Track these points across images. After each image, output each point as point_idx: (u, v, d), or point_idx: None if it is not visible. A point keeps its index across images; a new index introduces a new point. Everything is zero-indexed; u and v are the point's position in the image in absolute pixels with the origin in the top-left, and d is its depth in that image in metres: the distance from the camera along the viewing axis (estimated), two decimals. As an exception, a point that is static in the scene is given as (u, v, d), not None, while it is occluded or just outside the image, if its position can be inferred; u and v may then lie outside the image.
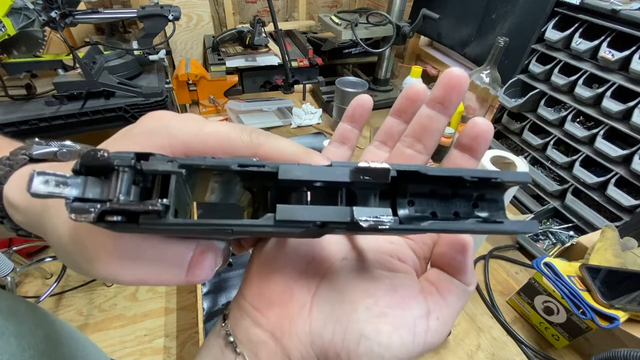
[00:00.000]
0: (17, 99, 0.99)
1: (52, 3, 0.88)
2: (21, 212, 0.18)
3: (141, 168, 0.12)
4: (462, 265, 0.18)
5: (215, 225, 0.13)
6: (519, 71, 0.77)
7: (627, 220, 0.60)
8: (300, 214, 0.13)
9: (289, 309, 0.17)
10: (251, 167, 0.13)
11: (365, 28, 1.06)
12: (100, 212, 0.11)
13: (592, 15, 0.63)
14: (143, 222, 0.12)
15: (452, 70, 0.18)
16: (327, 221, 0.13)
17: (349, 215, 0.13)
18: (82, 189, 0.12)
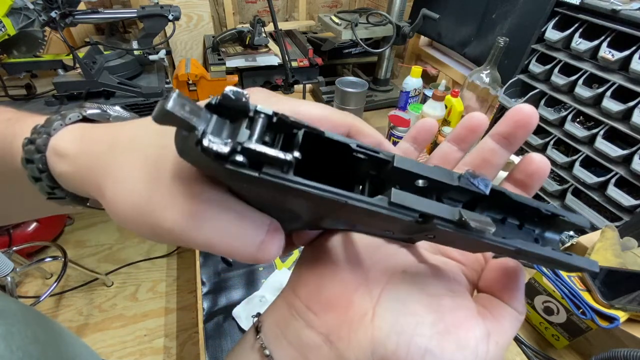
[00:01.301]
0: (17, 99, 0.99)
1: (52, 3, 0.88)
2: (70, 160, 0.16)
3: (278, 117, 0.12)
4: (514, 291, 0.18)
5: (334, 194, 0.13)
6: (519, 71, 0.77)
7: (627, 220, 0.60)
8: (414, 202, 0.13)
9: (349, 315, 0.16)
10: (368, 151, 0.14)
11: (365, 28, 1.06)
12: (232, 148, 0.11)
13: (592, 15, 0.63)
14: (266, 171, 0.11)
15: (523, 108, 0.18)
16: (438, 215, 0.13)
17: (457, 214, 0.13)
18: (210, 124, 0.11)
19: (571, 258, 0.15)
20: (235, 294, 0.60)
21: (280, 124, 0.12)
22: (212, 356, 0.52)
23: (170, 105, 0.10)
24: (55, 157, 0.17)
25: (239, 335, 0.54)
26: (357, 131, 0.17)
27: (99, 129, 0.17)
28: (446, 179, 0.14)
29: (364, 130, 0.17)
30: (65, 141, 0.17)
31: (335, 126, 0.16)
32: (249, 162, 0.11)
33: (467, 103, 0.96)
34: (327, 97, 1.13)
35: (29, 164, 0.18)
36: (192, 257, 0.70)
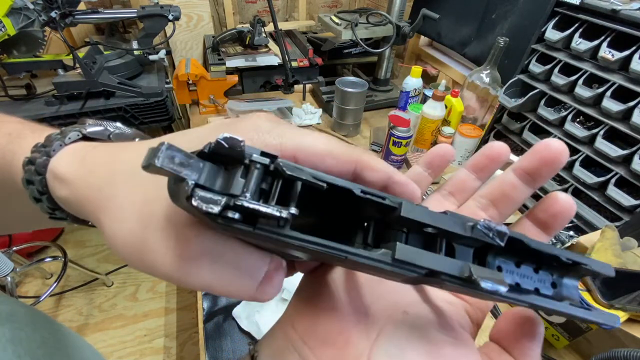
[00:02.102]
0: (17, 99, 0.99)
1: (52, 3, 0.88)
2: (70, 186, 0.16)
3: (279, 170, 0.11)
4: (529, 349, 0.16)
5: (332, 249, 0.12)
6: (519, 71, 0.77)
7: (627, 220, 0.60)
8: (420, 259, 0.12)
9: (345, 354, 0.16)
10: (373, 197, 0.13)
11: (365, 28, 1.06)
12: (224, 206, 0.10)
13: (592, 15, 0.63)
14: (260, 226, 0.11)
15: (551, 143, 0.16)
16: (445, 272, 0.12)
17: (467, 271, 0.12)
18: (202, 174, 0.11)
19: (591, 313, 0.14)
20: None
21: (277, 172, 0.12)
22: (212, 356, 0.52)
23: (159, 161, 0.10)
24: (55, 181, 0.17)
25: (239, 335, 0.54)
26: (364, 167, 0.16)
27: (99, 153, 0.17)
28: (458, 229, 0.13)
29: (372, 165, 0.16)
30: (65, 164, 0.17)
31: (340, 162, 0.15)
32: (242, 217, 0.11)
33: (467, 103, 0.96)
34: (327, 97, 1.13)
35: (29, 185, 0.18)
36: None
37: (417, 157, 0.91)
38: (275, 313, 0.55)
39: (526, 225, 0.18)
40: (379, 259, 0.12)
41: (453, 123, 0.91)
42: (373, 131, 1.04)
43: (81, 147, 0.18)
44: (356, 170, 0.15)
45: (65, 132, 0.19)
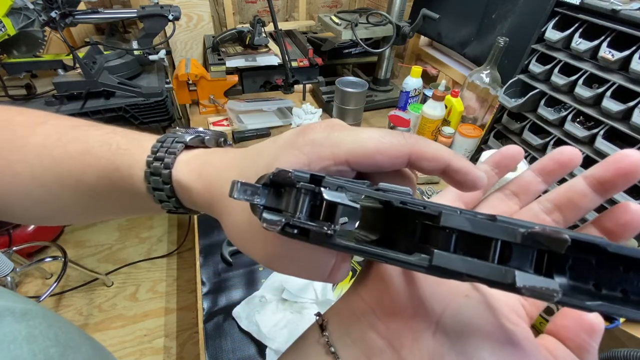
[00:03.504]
0: (17, 99, 0.99)
1: (52, 3, 0.88)
2: (195, 195, 0.21)
3: (322, 196, 0.14)
4: (589, 347, 0.16)
5: (372, 254, 0.14)
6: (519, 71, 0.77)
7: (627, 220, 0.60)
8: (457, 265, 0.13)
9: (413, 325, 0.17)
10: (413, 206, 0.14)
11: (365, 28, 1.06)
12: (284, 224, 0.14)
13: (592, 15, 0.63)
14: (313, 237, 0.14)
15: (630, 155, 0.16)
16: (484, 278, 0.12)
17: (510, 278, 0.12)
18: (267, 198, 0.15)
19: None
20: (235, 294, 0.60)
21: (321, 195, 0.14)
22: (212, 356, 0.52)
23: (235, 194, 0.14)
24: (180, 188, 0.21)
25: (239, 335, 0.54)
26: (419, 157, 0.16)
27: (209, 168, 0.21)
28: (506, 237, 0.13)
29: (427, 154, 0.16)
30: (186, 177, 0.21)
31: (391, 158, 0.16)
32: (299, 231, 0.14)
33: (467, 103, 0.96)
34: (327, 97, 1.13)
35: (156, 192, 0.22)
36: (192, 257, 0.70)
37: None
38: (275, 313, 0.55)
39: (591, 231, 0.17)
40: (415, 263, 0.13)
41: (453, 123, 0.91)
42: (373, 131, 1.04)
43: (190, 158, 0.22)
44: (411, 161, 0.16)
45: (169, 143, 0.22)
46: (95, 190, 0.24)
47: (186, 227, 1.73)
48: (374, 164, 0.16)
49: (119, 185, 0.23)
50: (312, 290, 0.58)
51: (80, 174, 0.23)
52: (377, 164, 0.16)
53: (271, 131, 1.03)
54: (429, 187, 0.84)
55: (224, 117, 1.07)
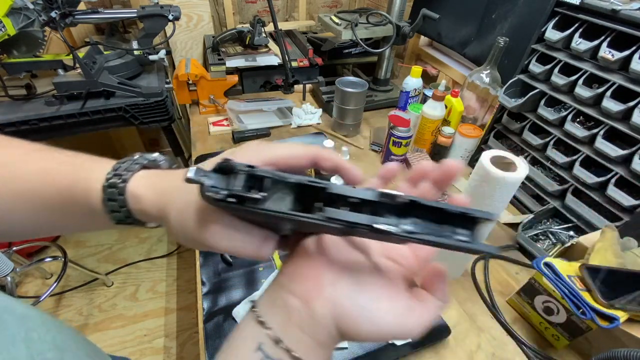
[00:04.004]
0: (17, 99, 0.99)
1: (52, 3, 0.88)
2: (144, 201, 0.25)
3: (253, 173, 0.19)
4: (438, 287, 0.26)
5: (289, 214, 0.19)
6: (519, 71, 0.77)
7: (627, 220, 0.60)
8: (340, 215, 0.20)
9: (320, 282, 0.23)
10: (313, 183, 0.20)
11: (365, 28, 1.06)
12: (225, 194, 0.18)
13: (592, 15, 0.63)
14: (247, 205, 0.19)
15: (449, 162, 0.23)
16: (356, 222, 0.20)
17: (371, 221, 0.20)
18: (214, 180, 0.19)
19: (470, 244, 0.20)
20: (235, 294, 0.60)
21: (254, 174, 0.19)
22: (212, 356, 0.52)
23: (189, 174, 0.18)
24: (133, 199, 0.25)
25: (239, 335, 0.54)
26: (320, 158, 0.24)
27: (161, 182, 0.26)
28: (369, 197, 0.20)
29: (325, 156, 0.24)
30: (143, 188, 0.25)
31: (301, 159, 0.23)
32: (236, 201, 0.19)
33: (467, 103, 0.96)
34: (327, 97, 1.13)
35: (110, 202, 0.26)
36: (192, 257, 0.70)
37: (417, 157, 0.91)
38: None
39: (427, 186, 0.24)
40: (316, 217, 0.20)
41: (453, 123, 0.91)
42: (373, 131, 1.04)
43: (146, 175, 0.27)
44: (315, 161, 0.24)
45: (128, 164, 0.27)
46: (53, 205, 0.27)
47: (186, 227, 1.73)
48: (290, 166, 0.23)
49: (76, 199, 0.27)
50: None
51: (39, 188, 0.27)
52: (292, 165, 0.23)
53: (271, 131, 1.04)
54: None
55: (224, 117, 1.07)
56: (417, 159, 0.91)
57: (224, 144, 0.98)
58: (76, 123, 0.99)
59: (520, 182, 0.47)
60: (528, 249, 0.69)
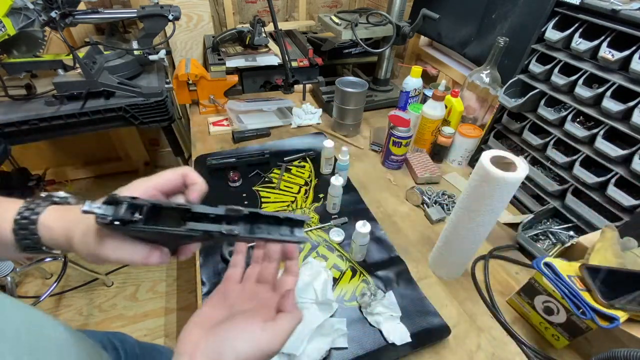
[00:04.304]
0: (17, 99, 0.99)
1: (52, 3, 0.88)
2: (54, 230, 0.32)
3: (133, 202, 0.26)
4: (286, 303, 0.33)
5: (159, 229, 0.27)
6: (519, 71, 0.77)
7: (627, 220, 0.60)
8: (198, 226, 0.28)
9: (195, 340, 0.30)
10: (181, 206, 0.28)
11: (365, 28, 1.06)
12: (110, 219, 0.25)
13: (592, 15, 0.63)
14: (129, 226, 0.26)
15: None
16: (209, 230, 0.27)
17: (222, 230, 0.28)
18: (105, 210, 0.26)
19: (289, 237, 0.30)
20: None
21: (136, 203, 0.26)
22: (212, 356, 0.52)
23: (86, 207, 0.25)
24: (44, 229, 0.32)
25: (239, 335, 0.54)
26: (186, 175, 0.32)
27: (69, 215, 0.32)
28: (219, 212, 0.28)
29: (190, 173, 0.33)
30: (53, 220, 0.32)
31: (172, 180, 0.32)
32: (122, 223, 0.25)
33: (467, 103, 0.96)
34: (327, 97, 1.13)
35: (20, 231, 0.32)
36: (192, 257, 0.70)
37: (417, 157, 0.91)
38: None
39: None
40: (179, 229, 0.27)
41: (453, 123, 0.91)
42: (373, 131, 1.04)
43: (56, 209, 0.33)
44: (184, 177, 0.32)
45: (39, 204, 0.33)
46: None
47: (186, 227, 1.73)
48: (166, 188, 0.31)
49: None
50: (312, 290, 0.58)
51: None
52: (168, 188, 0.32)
53: (271, 131, 1.04)
54: (429, 187, 0.84)
55: (224, 117, 1.07)
56: (417, 159, 0.91)
57: (224, 144, 0.98)
58: (76, 123, 0.99)
59: (520, 182, 0.47)
60: (528, 249, 0.69)
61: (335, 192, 0.73)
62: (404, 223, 0.77)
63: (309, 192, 0.83)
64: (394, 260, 0.67)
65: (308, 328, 0.52)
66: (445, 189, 0.84)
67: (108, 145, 1.87)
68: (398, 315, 0.56)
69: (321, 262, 0.65)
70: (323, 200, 0.81)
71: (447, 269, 0.64)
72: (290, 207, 0.79)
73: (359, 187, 0.85)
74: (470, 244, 0.57)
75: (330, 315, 0.56)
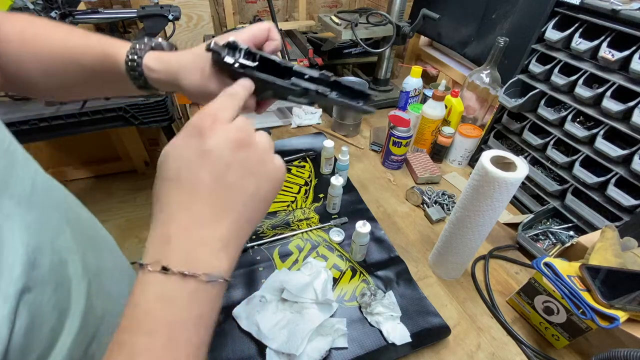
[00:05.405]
0: (17, 99, 0.99)
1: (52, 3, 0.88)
2: (157, 72, 0.35)
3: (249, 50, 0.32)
4: None
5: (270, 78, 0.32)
6: (519, 71, 0.77)
7: (627, 220, 0.60)
8: (300, 82, 0.32)
9: None
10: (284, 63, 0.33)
11: (365, 28, 1.06)
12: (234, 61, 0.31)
13: (592, 15, 0.63)
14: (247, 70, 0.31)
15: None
16: (308, 88, 0.32)
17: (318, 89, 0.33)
18: (225, 51, 0.31)
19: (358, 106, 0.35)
20: (235, 293, 0.60)
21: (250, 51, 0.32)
22: (212, 356, 0.52)
23: (212, 46, 0.31)
24: (148, 70, 0.35)
25: (239, 335, 0.54)
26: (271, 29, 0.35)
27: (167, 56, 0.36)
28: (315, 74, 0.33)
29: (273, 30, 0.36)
30: (153, 62, 0.35)
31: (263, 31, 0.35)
32: (240, 66, 0.31)
33: (467, 103, 0.96)
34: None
35: (131, 72, 0.35)
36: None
37: (417, 157, 0.91)
38: (275, 313, 0.55)
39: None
40: (284, 82, 0.32)
41: (453, 123, 0.91)
42: (373, 131, 1.04)
43: (155, 53, 0.36)
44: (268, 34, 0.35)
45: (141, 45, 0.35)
46: (92, 70, 0.36)
47: (186, 227, 1.73)
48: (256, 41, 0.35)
49: (109, 67, 0.36)
50: (312, 290, 0.58)
51: (81, 58, 0.36)
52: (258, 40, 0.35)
53: (271, 131, 1.03)
54: (429, 187, 0.84)
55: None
56: (417, 159, 0.91)
57: (224, 144, 0.98)
58: (76, 123, 0.99)
59: (520, 182, 0.47)
60: (528, 249, 0.69)
61: (335, 192, 0.73)
62: (403, 223, 0.77)
63: (309, 192, 0.83)
64: (394, 260, 0.67)
65: (308, 328, 0.52)
66: (445, 189, 0.85)
67: (108, 145, 1.87)
68: (398, 315, 0.56)
69: (321, 262, 0.65)
70: (323, 200, 0.81)
71: (447, 269, 0.64)
72: (290, 207, 0.79)
73: (358, 187, 0.85)
74: (470, 244, 0.57)
75: (330, 315, 0.56)
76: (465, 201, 0.53)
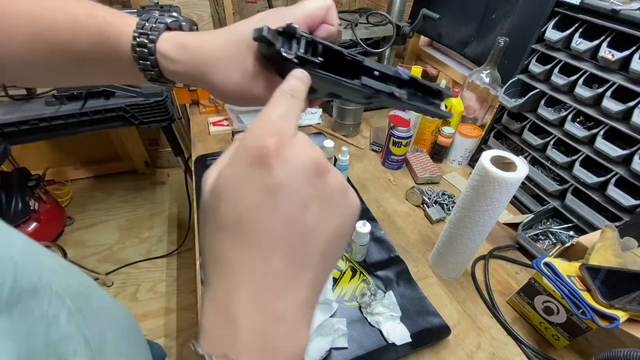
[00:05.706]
0: (17, 99, 0.99)
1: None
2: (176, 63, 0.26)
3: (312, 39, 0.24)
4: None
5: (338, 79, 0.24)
6: (519, 71, 0.77)
7: (627, 220, 0.60)
8: (372, 84, 0.25)
9: None
10: (354, 56, 0.26)
11: (365, 28, 1.06)
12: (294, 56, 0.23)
13: (592, 15, 0.63)
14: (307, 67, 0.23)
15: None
16: (382, 90, 0.25)
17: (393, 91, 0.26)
18: (280, 40, 0.23)
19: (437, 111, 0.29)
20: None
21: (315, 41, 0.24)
22: (212, 356, 0.52)
23: (264, 33, 0.21)
24: (163, 59, 0.26)
25: (239, 335, 0.54)
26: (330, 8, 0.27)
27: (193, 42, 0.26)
28: (389, 71, 0.27)
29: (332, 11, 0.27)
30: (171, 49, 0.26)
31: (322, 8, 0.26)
32: (300, 62, 0.23)
33: (467, 103, 0.96)
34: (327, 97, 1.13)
35: (141, 61, 0.26)
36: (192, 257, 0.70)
37: (417, 157, 0.91)
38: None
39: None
40: (355, 84, 0.25)
41: (453, 123, 0.91)
42: (373, 131, 1.04)
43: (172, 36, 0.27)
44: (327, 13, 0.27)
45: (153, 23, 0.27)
46: (85, 56, 0.27)
47: (186, 227, 1.73)
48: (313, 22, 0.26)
49: (107, 53, 0.27)
50: (312, 290, 0.58)
51: (70, 40, 0.27)
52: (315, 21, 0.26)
53: (271, 131, 1.03)
54: (429, 187, 0.84)
55: (224, 117, 1.07)
56: (417, 159, 0.91)
57: (224, 144, 0.98)
58: (76, 123, 0.99)
59: (520, 182, 0.47)
60: (528, 249, 0.69)
61: (335, 192, 0.73)
62: (403, 223, 0.77)
63: (309, 192, 0.83)
64: (394, 260, 0.67)
65: (308, 328, 0.52)
66: (445, 189, 0.85)
67: (108, 145, 1.87)
68: (398, 315, 0.56)
69: (321, 262, 0.65)
70: (323, 200, 0.80)
71: (447, 269, 0.64)
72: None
73: (359, 187, 0.85)
74: (470, 244, 0.57)
75: (330, 315, 0.56)
76: (465, 201, 0.53)
